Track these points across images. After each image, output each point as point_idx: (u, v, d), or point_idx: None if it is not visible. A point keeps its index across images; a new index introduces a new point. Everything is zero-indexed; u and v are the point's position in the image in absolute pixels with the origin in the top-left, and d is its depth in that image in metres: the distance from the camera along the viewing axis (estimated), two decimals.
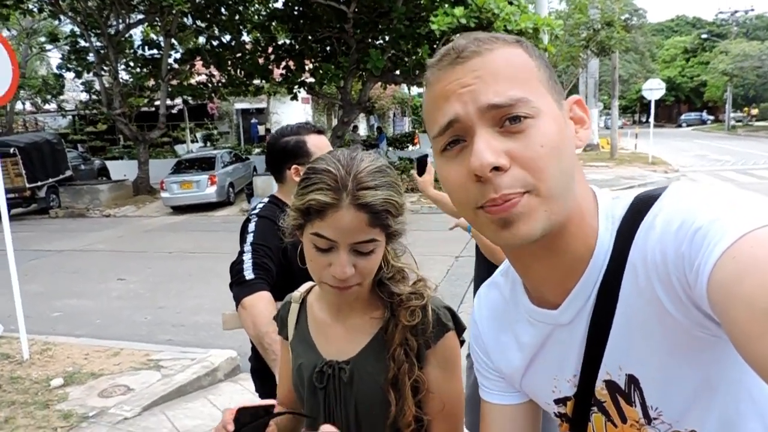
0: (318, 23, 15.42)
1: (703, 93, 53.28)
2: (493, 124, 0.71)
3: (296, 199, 1.12)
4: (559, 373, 0.86)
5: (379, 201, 1.05)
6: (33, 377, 4.57)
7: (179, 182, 15.22)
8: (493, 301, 0.98)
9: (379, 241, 1.10)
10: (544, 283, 0.83)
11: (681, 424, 0.76)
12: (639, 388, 0.77)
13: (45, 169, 16.08)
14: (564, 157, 0.72)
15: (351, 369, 1.19)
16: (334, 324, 1.24)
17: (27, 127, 27.91)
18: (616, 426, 0.83)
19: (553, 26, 12.16)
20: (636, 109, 58.12)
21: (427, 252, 7.73)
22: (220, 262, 8.01)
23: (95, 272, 9.01)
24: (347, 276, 1.07)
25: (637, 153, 24.39)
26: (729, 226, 0.59)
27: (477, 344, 1.01)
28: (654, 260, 0.69)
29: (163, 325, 6.24)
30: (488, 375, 0.99)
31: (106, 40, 15.97)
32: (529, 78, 0.73)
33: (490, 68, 0.72)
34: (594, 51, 22.60)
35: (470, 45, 0.74)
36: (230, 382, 4.64)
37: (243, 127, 27.99)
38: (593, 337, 0.79)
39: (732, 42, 43.67)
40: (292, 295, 1.36)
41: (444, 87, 0.75)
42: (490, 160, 0.69)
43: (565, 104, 0.78)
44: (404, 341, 1.15)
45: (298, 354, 1.28)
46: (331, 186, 1.05)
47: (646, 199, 0.76)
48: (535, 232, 0.72)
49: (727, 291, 0.56)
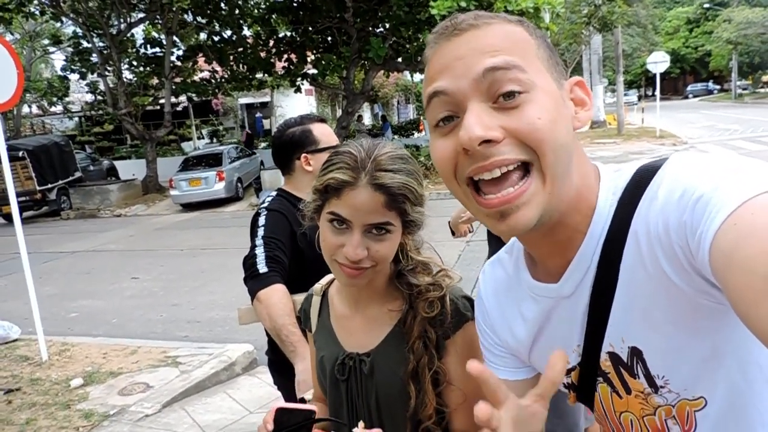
0: (318, 14, 15.32)
1: (708, 63, 52.60)
2: (487, 98, 0.71)
3: (317, 181, 1.13)
4: (564, 344, 0.86)
5: (397, 184, 1.06)
6: (53, 378, 4.65)
7: (188, 179, 15.30)
8: (498, 278, 0.98)
9: (394, 226, 1.09)
10: (549, 256, 0.84)
11: (689, 392, 0.76)
12: (642, 359, 0.77)
13: (54, 172, 16.23)
14: (563, 133, 0.72)
15: (371, 361, 1.19)
16: (353, 316, 1.24)
17: (35, 130, 28.07)
18: (621, 397, 0.83)
19: (553, 4, 12.01)
20: (641, 83, 57.43)
21: (438, 238, 7.60)
22: (232, 258, 8.09)
23: (108, 272, 9.11)
24: (358, 257, 1.06)
25: (645, 127, 24.16)
26: (730, 194, 0.59)
27: (483, 320, 1.01)
28: (657, 230, 0.69)
29: (178, 322, 6.31)
30: (495, 351, 1.00)
31: (109, 40, 16.00)
32: (527, 52, 0.73)
33: (485, 40, 0.72)
34: (596, 27, 22.33)
35: (468, 19, 0.74)
36: (248, 376, 4.69)
37: (248, 122, 28.00)
38: (594, 308, 0.79)
39: (735, 10, 43.01)
40: (314, 288, 1.36)
41: (440, 60, 0.75)
42: (479, 133, 0.68)
43: (566, 85, 0.78)
44: (423, 333, 1.14)
45: (320, 346, 1.29)
46: (351, 165, 1.07)
47: (648, 170, 0.76)
48: (531, 222, 0.72)
49: (728, 257, 0.56)
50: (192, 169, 15.88)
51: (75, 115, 25.27)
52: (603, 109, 27.64)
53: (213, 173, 15.28)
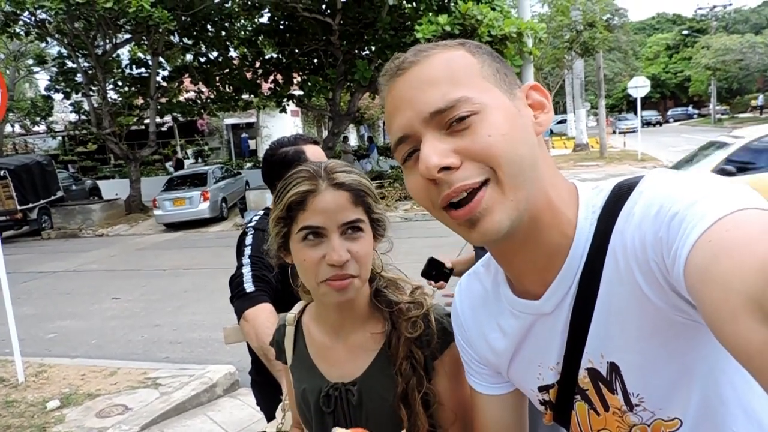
0: (304, 36, 15.49)
1: (688, 88, 53.71)
2: (440, 128, 0.73)
3: (275, 210, 1.12)
4: (542, 360, 0.87)
5: (354, 181, 1.09)
6: (29, 400, 4.55)
7: (172, 199, 15.20)
8: (475, 292, 0.99)
9: (365, 223, 1.10)
10: (525, 274, 0.84)
11: (664, 411, 0.77)
12: (620, 375, 0.78)
13: (36, 191, 16.05)
14: (518, 144, 0.73)
15: (358, 390, 1.16)
16: (334, 345, 1.20)
17: (17, 149, 27.81)
18: (599, 414, 0.84)
19: (536, 30, 12.27)
20: (623, 107, 58.47)
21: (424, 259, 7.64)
22: (215, 278, 8.03)
23: (89, 292, 8.98)
24: (344, 260, 1.04)
25: (627, 151, 24.53)
26: (706, 211, 0.60)
27: (461, 336, 1.02)
28: (633, 246, 0.70)
29: (160, 343, 6.23)
30: (473, 365, 1.01)
31: (94, 60, 15.98)
32: (470, 75, 0.75)
33: (426, 76, 0.74)
34: (578, 52, 22.81)
35: (409, 56, 0.77)
36: (229, 398, 4.63)
37: (233, 142, 28.00)
38: (575, 325, 0.80)
39: (713, 37, 44.10)
40: (285, 318, 1.31)
41: (390, 102, 0.78)
42: (435, 161, 0.71)
43: (519, 93, 0.79)
44: (409, 354, 1.12)
45: (299, 378, 1.25)
46: (306, 177, 1.09)
47: (625, 187, 0.77)
48: (502, 226, 0.73)
49: (703, 273, 0.57)
50: (176, 188, 15.80)
51: (58, 135, 25.04)
52: (585, 132, 28.03)
53: (197, 193, 15.22)
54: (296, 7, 13.20)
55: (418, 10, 12.96)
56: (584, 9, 21.74)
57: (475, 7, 11.55)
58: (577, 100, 28.09)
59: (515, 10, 13.86)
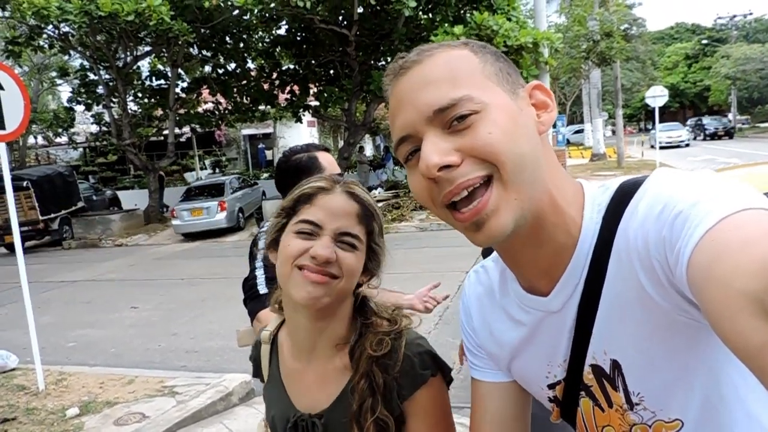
0: (321, 47, 15.64)
1: (708, 98, 53.14)
2: (441, 126, 0.74)
3: (285, 201, 1.12)
4: (551, 358, 0.87)
5: (368, 200, 1.09)
6: (49, 408, 4.61)
7: (189, 209, 15.36)
8: (483, 286, 0.99)
9: (361, 243, 1.07)
10: (532, 273, 0.85)
11: (665, 412, 0.77)
12: (621, 372, 0.78)
13: (57, 201, 16.31)
14: (520, 142, 0.73)
15: (324, 423, 1.09)
16: (305, 369, 1.14)
17: (39, 160, 28.35)
18: (603, 411, 0.84)
19: (552, 40, 12.26)
20: (641, 116, 57.98)
21: (437, 268, 7.75)
22: (232, 287, 8.05)
23: (108, 301, 9.09)
24: (327, 256, 1.00)
25: (645, 160, 24.32)
26: (709, 211, 0.60)
27: (467, 323, 1.02)
28: (636, 245, 0.70)
29: (177, 352, 6.28)
30: (476, 352, 1.01)
31: (115, 72, 16.28)
32: (472, 75, 0.75)
33: (428, 75, 0.75)
34: (595, 62, 22.70)
35: (412, 56, 0.78)
36: (245, 406, 4.65)
37: (251, 153, 28.25)
38: (581, 322, 0.80)
39: (732, 46, 43.72)
40: (261, 335, 1.26)
41: (393, 102, 0.79)
42: (435, 160, 0.72)
43: (522, 92, 0.79)
44: (369, 373, 1.05)
45: (270, 401, 1.20)
46: (326, 179, 1.10)
47: (630, 185, 0.77)
48: (507, 227, 0.73)
49: (705, 273, 0.57)
50: (194, 199, 15.97)
51: (80, 146, 25.50)
52: (603, 142, 27.84)
53: (215, 203, 15.36)
54: (313, 19, 13.34)
55: (434, 21, 13.03)
56: (601, 19, 21.67)
57: (491, 18, 11.59)
58: (594, 109, 27.95)
59: (531, 20, 13.88)
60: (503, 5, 12.74)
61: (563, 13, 27.89)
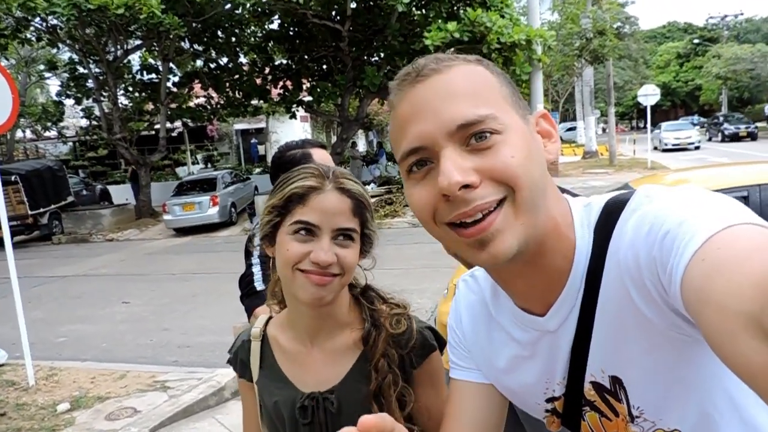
0: (314, 43, 15.60)
1: (699, 97, 53.49)
2: (460, 143, 0.71)
3: (273, 198, 1.11)
4: (550, 375, 0.87)
5: (358, 190, 1.10)
6: (39, 403, 4.58)
7: (181, 204, 15.28)
8: (475, 295, 0.98)
9: (357, 233, 1.09)
10: (527, 296, 0.84)
11: (664, 422, 0.77)
12: (623, 387, 0.78)
13: (47, 196, 16.18)
14: (535, 168, 0.73)
15: (337, 397, 1.12)
16: (310, 351, 1.17)
17: (28, 154, 28.04)
18: (610, 420, 0.84)
19: (545, 37, 12.29)
20: (633, 115, 58.27)
21: (431, 264, 7.72)
22: (224, 283, 8.05)
23: (99, 296, 9.03)
24: (330, 261, 1.03)
25: (636, 158, 24.41)
26: (696, 229, 0.60)
27: (456, 324, 1.02)
28: (627, 264, 0.70)
29: (169, 347, 6.25)
30: (461, 351, 1.00)
31: (105, 66, 16.14)
32: (492, 94, 0.74)
33: (451, 86, 0.73)
34: (587, 59, 22.78)
35: (430, 63, 0.75)
36: (237, 401, 4.63)
37: (243, 148, 28.15)
38: (578, 343, 0.80)
39: (723, 46, 43.99)
40: (250, 334, 1.25)
41: (406, 108, 0.75)
42: (458, 179, 0.69)
43: (531, 119, 0.79)
44: (385, 352, 1.12)
45: (270, 393, 1.19)
46: (314, 174, 1.09)
47: (616, 203, 0.77)
48: (511, 249, 0.72)
49: (699, 294, 0.57)
50: (186, 194, 15.88)
51: (69, 140, 25.27)
52: (595, 140, 27.96)
53: (207, 198, 15.29)
54: (306, 13, 13.29)
55: (427, 17, 13.04)
56: (594, 17, 21.74)
57: (485, 15, 11.59)
58: (587, 107, 28.05)
59: (525, 17, 13.90)
60: (497, 2, 12.75)
61: (556, 10, 27.96)
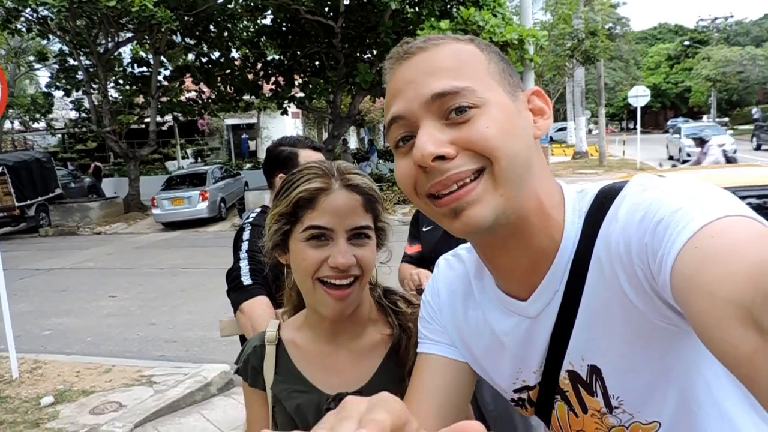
0: (306, 39, 15.53)
1: (688, 98, 53.85)
2: (439, 116, 0.73)
3: (279, 205, 1.07)
4: (524, 363, 0.87)
5: (367, 184, 1.07)
6: (23, 396, 4.55)
7: (170, 198, 15.19)
8: (455, 272, 0.97)
9: (372, 230, 1.07)
10: (510, 275, 0.84)
11: (642, 415, 0.77)
12: (601, 378, 0.78)
13: (34, 188, 16.02)
14: (515, 141, 0.73)
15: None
16: (334, 352, 1.13)
17: (16, 146, 27.78)
18: (577, 416, 0.84)
19: (537, 37, 12.30)
20: (623, 116, 58.53)
21: None
22: (212, 278, 8.02)
23: (86, 290, 8.97)
24: (349, 264, 1.01)
25: (626, 159, 24.56)
26: (691, 217, 0.60)
27: (433, 300, 0.99)
28: (618, 251, 0.70)
29: (156, 341, 6.22)
30: (433, 324, 0.97)
31: (95, 58, 15.98)
32: (477, 70, 0.75)
33: (434, 62, 0.74)
34: (579, 60, 22.85)
35: (418, 43, 0.77)
36: (223, 397, 4.63)
37: (233, 143, 28.04)
38: (559, 330, 0.80)
39: (713, 48, 44.35)
40: (264, 338, 1.20)
41: (392, 85, 0.78)
42: (431, 149, 0.71)
43: (522, 96, 0.79)
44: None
45: (290, 396, 1.15)
46: (319, 174, 1.05)
47: (609, 191, 0.77)
48: (485, 219, 0.73)
49: (689, 281, 0.57)
50: (175, 188, 15.78)
51: (58, 132, 25.03)
52: (585, 140, 28.07)
53: (196, 193, 15.20)
54: (299, 9, 13.23)
55: (420, 15, 13.02)
56: (586, 18, 21.83)
57: (477, 14, 11.60)
58: (578, 108, 28.14)
59: (517, 17, 13.92)
60: (489, 1, 12.75)
61: (549, 10, 28.00)
